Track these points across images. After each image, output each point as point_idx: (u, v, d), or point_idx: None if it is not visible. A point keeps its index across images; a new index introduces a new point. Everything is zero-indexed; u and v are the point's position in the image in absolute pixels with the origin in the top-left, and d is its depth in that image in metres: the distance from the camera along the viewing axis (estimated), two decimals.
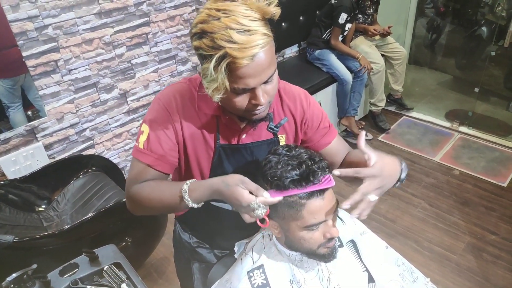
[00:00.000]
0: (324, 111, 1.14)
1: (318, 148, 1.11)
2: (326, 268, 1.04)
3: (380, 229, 2.48)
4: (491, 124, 3.44)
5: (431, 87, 4.12)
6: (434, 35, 4.27)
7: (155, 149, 0.97)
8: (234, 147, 1.02)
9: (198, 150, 1.02)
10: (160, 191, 0.95)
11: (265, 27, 0.78)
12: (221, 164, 1.03)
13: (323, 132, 1.10)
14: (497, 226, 2.47)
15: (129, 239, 2.01)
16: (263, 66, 0.79)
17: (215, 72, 0.76)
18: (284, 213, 0.92)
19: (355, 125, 3.29)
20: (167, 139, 0.97)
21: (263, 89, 0.84)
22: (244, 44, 0.74)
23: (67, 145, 2.22)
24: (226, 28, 0.74)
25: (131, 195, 0.99)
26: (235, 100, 0.85)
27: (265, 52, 0.78)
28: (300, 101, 1.07)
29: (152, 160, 0.97)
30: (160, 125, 0.97)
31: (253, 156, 1.05)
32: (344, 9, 2.91)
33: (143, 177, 0.98)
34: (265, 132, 1.04)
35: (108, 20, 2.15)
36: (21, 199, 1.98)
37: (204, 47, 0.77)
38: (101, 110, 2.31)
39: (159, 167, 0.98)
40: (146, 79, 2.46)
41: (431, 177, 2.93)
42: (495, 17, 3.57)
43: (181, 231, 1.28)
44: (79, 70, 2.13)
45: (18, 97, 1.93)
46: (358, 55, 3.09)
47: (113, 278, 1.17)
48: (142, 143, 0.98)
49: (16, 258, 1.63)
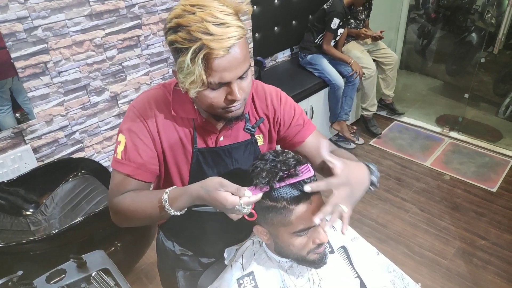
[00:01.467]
0: (300, 107, 1.13)
1: (293, 146, 1.11)
2: (317, 275, 1.03)
3: (371, 234, 2.49)
4: (481, 129, 3.48)
5: (422, 92, 4.16)
6: (425, 41, 4.32)
7: (134, 158, 0.96)
8: (212, 150, 1.02)
9: (177, 156, 1.01)
10: (140, 202, 0.94)
11: (239, 21, 0.80)
12: (200, 168, 1.03)
13: (297, 129, 1.09)
14: (487, 231, 2.49)
15: (119, 243, 1.99)
16: (239, 60, 0.80)
17: (192, 64, 0.77)
18: (273, 219, 0.92)
19: (347, 130, 3.31)
20: (145, 147, 0.96)
21: (238, 84, 0.84)
22: (220, 36, 0.76)
23: (56, 148, 2.19)
24: (202, 21, 0.76)
25: (113, 207, 0.97)
26: (211, 96, 0.84)
27: (240, 46, 0.79)
28: (271, 99, 1.07)
29: (131, 169, 0.96)
30: (137, 134, 0.96)
31: (231, 158, 1.04)
32: (337, 14, 2.93)
33: (124, 188, 0.97)
34: (242, 133, 1.05)
35: (99, 22, 2.13)
36: (8, 203, 1.94)
37: (180, 40, 0.78)
38: (91, 112, 2.28)
39: (139, 176, 0.97)
40: (137, 82, 2.44)
41: (422, 182, 2.95)
42: (485, 24, 3.62)
43: (164, 239, 1.26)
44: (69, 72, 2.10)
45: (7, 99, 1.89)
46: (350, 60, 3.11)
47: (101, 284, 1.16)
48: (120, 154, 0.97)
49: (3, 263, 1.60)
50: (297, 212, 0.89)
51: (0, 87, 1.85)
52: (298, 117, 1.10)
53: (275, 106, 1.07)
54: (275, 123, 1.09)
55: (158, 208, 0.89)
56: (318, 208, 0.92)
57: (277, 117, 1.08)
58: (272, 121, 1.08)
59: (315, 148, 1.09)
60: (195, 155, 1.01)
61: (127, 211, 0.94)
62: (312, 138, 1.10)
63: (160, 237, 1.27)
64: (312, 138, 1.10)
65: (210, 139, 1.02)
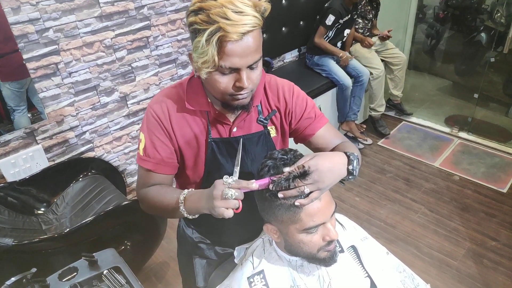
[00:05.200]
0: (312, 101, 1.14)
1: (305, 139, 1.14)
2: (327, 274, 1.03)
3: (380, 234, 2.48)
4: (491, 130, 3.45)
5: (431, 92, 4.13)
6: (433, 41, 4.28)
7: (153, 155, 1.04)
8: (225, 140, 1.06)
9: (192, 149, 1.07)
10: (163, 198, 1.02)
11: (257, 13, 0.84)
12: (215, 158, 1.06)
13: (307, 122, 1.11)
14: (498, 232, 2.47)
15: (129, 243, 2.00)
16: (251, 49, 0.84)
17: (206, 44, 0.81)
18: (283, 217, 0.92)
19: (356, 130, 3.29)
20: (161, 144, 1.04)
21: (247, 73, 0.88)
22: (237, 21, 0.80)
23: (66, 148, 2.21)
24: (221, 7, 0.81)
25: (139, 197, 1.10)
26: (220, 81, 0.88)
27: (253, 36, 0.84)
28: (283, 92, 1.09)
29: (151, 165, 1.05)
30: (153, 132, 1.03)
31: (245, 149, 1.07)
32: (333, 11, 2.94)
33: (148, 181, 1.07)
34: (255, 125, 1.08)
35: (109, 23, 2.15)
36: (20, 202, 1.97)
37: (199, 21, 0.82)
38: (101, 113, 2.30)
39: (160, 170, 1.06)
40: (146, 83, 2.46)
41: (431, 182, 2.93)
42: (494, 23, 3.59)
43: (184, 226, 1.30)
44: (80, 73, 2.13)
45: (23, 100, 1.92)
46: (341, 54, 3.08)
47: (112, 282, 1.17)
48: (141, 150, 1.06)
49: (15, 261, 1.62)
50: (307, 209, 0.90)
51: (19, 87, 1.88)
52: (310, 111, 1.12)
53: (287, 99, 1.09)
54: (286, 115, 1.11)
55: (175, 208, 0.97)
56: (327, 205, 0.92)
57: (289, 110, 1.10)
58: (283, 113, 1.11)
59: (326, 141, 1.11)
60: (210, 146, 1.05)
61: (151, 203, 1.05)
62: (323, 131, 1.12)
63: (181, 224, 1.32)
64: (323, 131, 1.12)
65: (224, 130, 1.06)
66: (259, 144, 1.08)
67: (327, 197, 0.93)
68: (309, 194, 0.88)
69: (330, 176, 0.89)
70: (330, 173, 0.89)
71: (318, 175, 0.86)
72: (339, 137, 1.14)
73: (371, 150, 3.33)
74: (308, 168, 0.86)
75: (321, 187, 0.88)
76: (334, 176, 0.90)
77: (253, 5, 0.84)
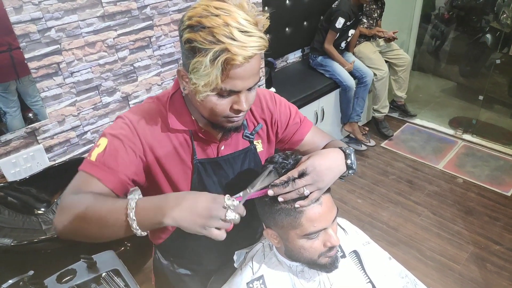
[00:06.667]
0: (294, 107, 1.12)
1: (293, 146, 1.11)
2: (328, 279, 1.02)
3: (382, 237, 2.46)
4: (496, 132, 3.42)
5: (435, 94, 4.10)
6: (438, 42, 4.25)
7: (108, 163, 0.86)
8: (213, 160, 0.99)
9: (171, 169, 0.96)
10: (100, 204, 0.78)
11: (261, 33, 0.79)
12: (201, 181, 0.99)
13: (295, 128, 1.09)
14: (501, 236, 2.44)
15: (128, 244, 2.00)
16: (253, 71, 0.80)
17: (210, 66, 0.74)
18: (283, 222, 0.91)
19: (359, 131, 3.27)
20: (125, 156, 0.88)
21: (246, 95, 0.83)
22: (244, 43, 0.74)
23: (68, 148, 2.21)
24: (226, 25, 0.74)
25: (65, 205, 0.81)
26: (218, 103, 0.83)
27: (256, 58, 0.79)
28: (265, 102, 1.06)
29: (102, 173, 0.85)
30: (122, 141, 0.88)
31: (232, 168, 1.02)
32: (342, 13, 2.90)
33: (86, 189, 0.83)
34: (242, 141, 1.04)
35: (112, 23, 2.14)
36: (21, 202, 1.96)
37: (200, 39, 0.75)
38: (103, 113, 2.29)
39: (109, 183, 0.85)
40: (148, 83, 2.45)
41: (434, 185, 2.91)
42: (500, 24, 3.56)
43: (162, 259, 1.21)
44: (81, 73, 2.12)
45: (13, 101, 1.89)
46: (346, 68, 3.06)
47: (111, 285, 1.16)
48: (95, 156, 0.87)
49: (14, 261, 1.62)
50: (307, 214, 0.88)
51: (3, 89, 1.85)
52: (295, 116, 1.10)
53: (271, 109, 1.06)
54: (273, 125, 1.08)
55: (118, 219, 0.75)
56: (328, 210, 0.91)
57: (275, 119, 1.07)
58: (270, 124, 1.07)
59: (316, 144, 1.09)
60: (196, 168, 0.97)
61: (81, 211, 0.77)
62: (311, 135, 1.10)
63: (158, 256, 1.22)
64: (311, 135, 1.10)
65: (211, 149, 0.99)
66: (245, 161, 1.04)
67: (328, 202, 0.91)
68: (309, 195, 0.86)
69: (329, 174, 0.87)
70: (329, 171, 0.87)
71: (317, 175, 0.85)
72: (326, 137, 1.11)
73: (374, 152, 3.31)
74: (306, 169, 0.85)
75: (320, 186, 0.86)
76: (333, 173, 0.89)
77: (255, 22, 0.78)
